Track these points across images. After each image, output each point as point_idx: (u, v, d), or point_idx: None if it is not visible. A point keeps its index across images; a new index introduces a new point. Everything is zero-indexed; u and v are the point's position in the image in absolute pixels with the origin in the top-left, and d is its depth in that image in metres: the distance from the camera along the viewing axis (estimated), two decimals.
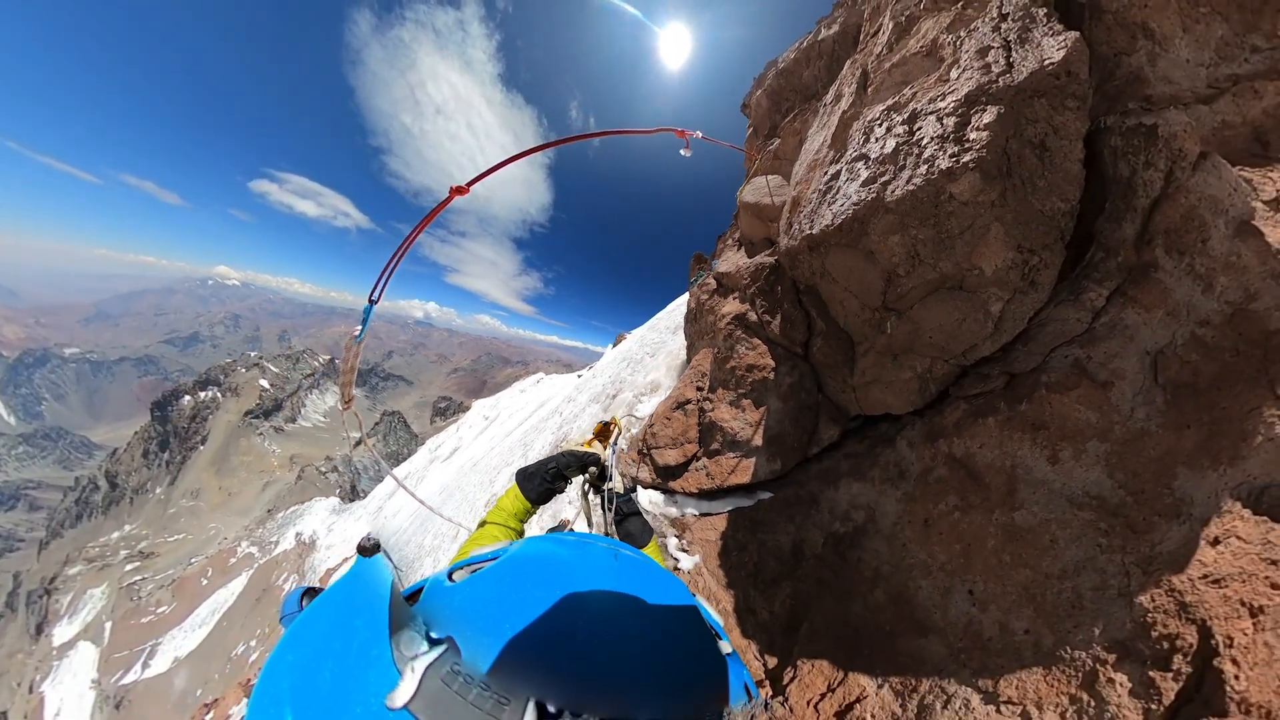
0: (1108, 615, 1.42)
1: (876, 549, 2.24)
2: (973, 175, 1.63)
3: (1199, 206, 1.52)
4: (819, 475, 2.81)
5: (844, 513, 2.52)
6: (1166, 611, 1.31)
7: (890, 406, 2.40)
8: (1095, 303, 1.66)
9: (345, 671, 0.32)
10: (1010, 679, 1.53)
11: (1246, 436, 1.28)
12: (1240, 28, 1.50)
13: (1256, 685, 1.09)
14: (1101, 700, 1.34)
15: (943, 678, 1.70)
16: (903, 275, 1.97)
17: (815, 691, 2.06)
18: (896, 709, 1.77)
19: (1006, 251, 1.70)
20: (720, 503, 3.17)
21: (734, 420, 3.01)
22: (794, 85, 4.39)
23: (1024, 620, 1.58)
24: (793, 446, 2.82)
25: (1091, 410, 1.58)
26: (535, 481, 1.31)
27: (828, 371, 2.77)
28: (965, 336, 1.92)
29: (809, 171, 2.74)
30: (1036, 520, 1.63)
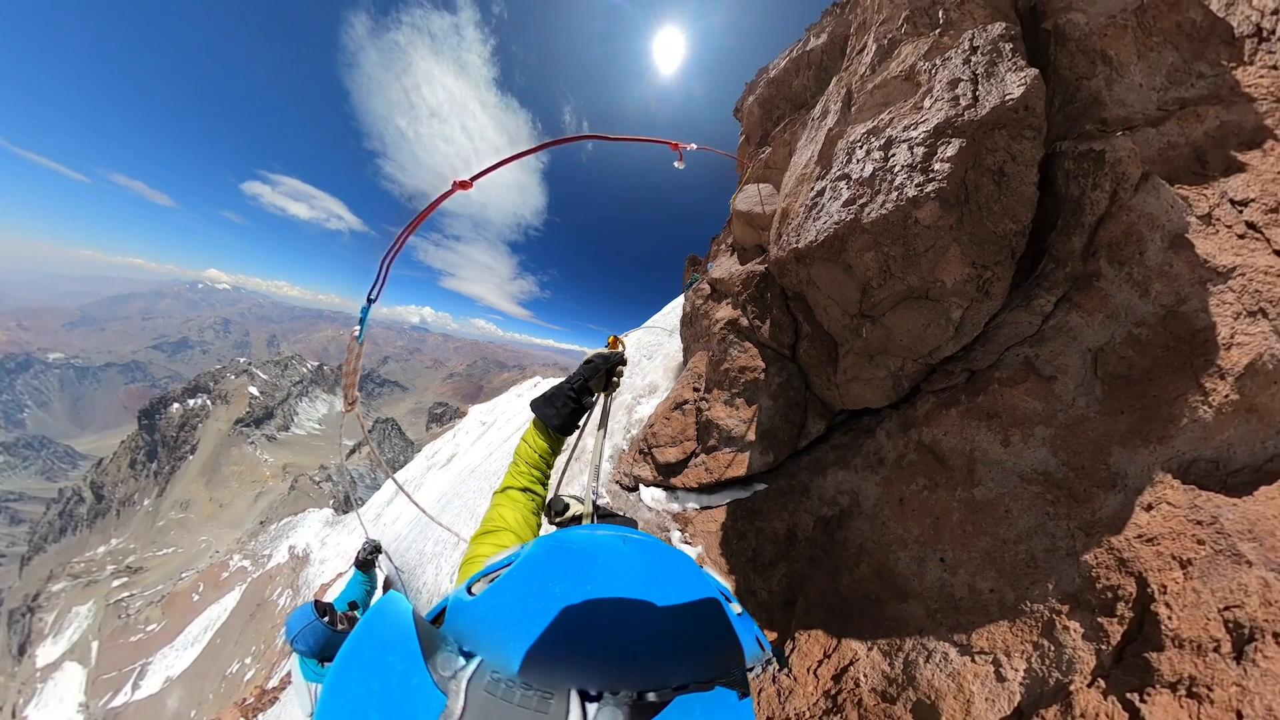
0: (1059, 572, 1.61)
1: (860, 528, 2.42)
2: (934, 203, 1.84)
3: (1138, 223, 1.73)
4: (808, 466, 2.99)
5: (831, 498, 2.70)
6: (1108, 567, 1.51)
7: (869, 401, 2.60)
8: (1044, 308, 1.88)
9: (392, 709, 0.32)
10: (981, 632, 1.72)
11: (1174, 419, 1.49)
12: (1189, 55, 1.71)
13: (1186, 623, 1.29)
14: (1059, 645, 1.53)
15: (923, 636, 1.88)
16: (876, 287, 2.17)
17: (813, 659, 2.22)
18: (885, 667, 1.94)
19: (963, 267, 1.91)
20: (719, 496, 3.32)
21: (729, 418, 3.18)
22: (784, 94, 4.49)
23: (989, 581, 1.77)
24: (783, 440, 2.99)
25: (1037, 400, 1.79)
26: (559, 404, 1.17)
27: (813, 371, 2.96)
28: (930, 339, 2.12)
29: (797, 185, 2.94)
30: (993, 494, 1.83)
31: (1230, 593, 1.25)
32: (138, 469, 78.31)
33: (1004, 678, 1.62)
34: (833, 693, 2.05)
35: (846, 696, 1.99)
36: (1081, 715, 1.38)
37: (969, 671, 1.69)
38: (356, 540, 13.71)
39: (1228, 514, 1.33)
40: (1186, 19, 1.64)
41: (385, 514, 13.27)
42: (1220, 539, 1.32)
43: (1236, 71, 1.60)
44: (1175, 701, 1.25)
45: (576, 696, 0.34)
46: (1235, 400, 1.37)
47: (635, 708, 0.34)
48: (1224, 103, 1.60)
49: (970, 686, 1.67)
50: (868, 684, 1.95)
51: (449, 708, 0.32)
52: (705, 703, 0.36)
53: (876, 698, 1.89)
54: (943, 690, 1.71)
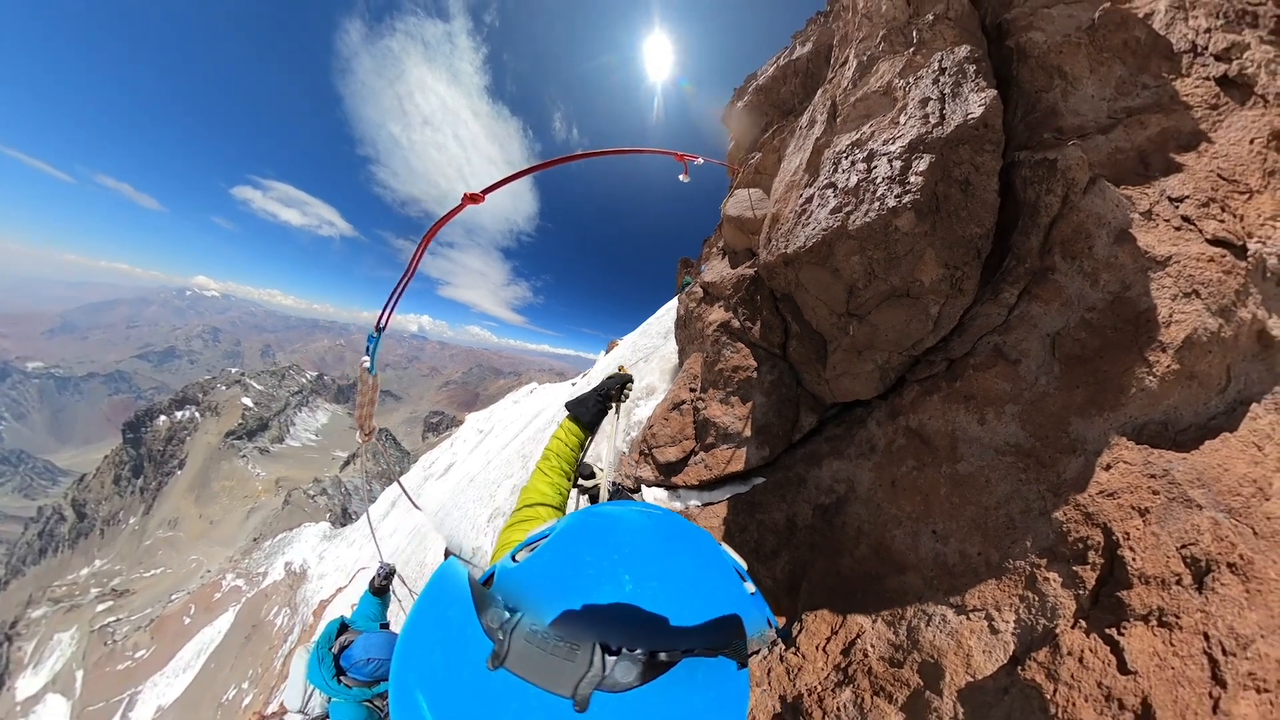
0: (1035, 530, 1.73)
1: (857, 512, 2.52)
2: (910, 213, 2.01)
3: (1086, 222, 1.91)
4: (804, 458, 3.09)
5: (828, 487, 2.80)
6: (1076, 521, 1.64)
7: (859, 394, 2.73)
8: (1009, 300, 2.05)
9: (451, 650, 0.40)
10: (973, 592, 1.82)
11: (1124, 389, 1.65)
12: (1134, 69, 1.91)
13: (1149, 562, 1.41)
14: (1042, 595, 1.64)
15: (923, 603, 1.97)
16: (862, 288, 2.33)
17: (821, 637, 2.28)
18: (890, 635, 2.02)
19: (938, 268, 2.08)
20: (719, 492, 3.39)
21: (725, 416, 3.27)
22: (772, 101, 4.68)
23: (976, 545, 1.88)
24: (778, 435, 3.10)
25: (1006, 382, 1.94)
26: (590, 404, 1.41)
27: (804, 368, 3.09)
28: (913, 333, 2.27)
29: (787, 191, 3.11)
30: (974, 468, 1.96)
31: (1185, 533, 1.38)
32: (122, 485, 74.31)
33: (997, 630, 1.72)
34: (843, 665, 2.11)
35: (857, 667, 2.05)
36: (1069, 654, 1.48)
37: (966, 629, 1.78)
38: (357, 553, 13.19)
39: (1178, 467, 1.48)
40: (1132, 37, 1.87)
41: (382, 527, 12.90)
42: (1173, 488, 1.46)
43: (1176, 83, 1.82)
44: (1149, 631, 1.36)
45: (599, 649, 0.38)
46: (1176, 369, 1.54)
47: (648, 664, 0.38)
48: (1165, 110, 1.81)
49: (968, 642, 1.75)
50: (875, 653, 2.02)
51: (495, 651, 0.38)
52: (708, 667, 0.41)
53: (885, 664, 1.96)
54: (944, 649, 1.80)
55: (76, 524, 66.89)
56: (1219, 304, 1.51)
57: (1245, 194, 1.56)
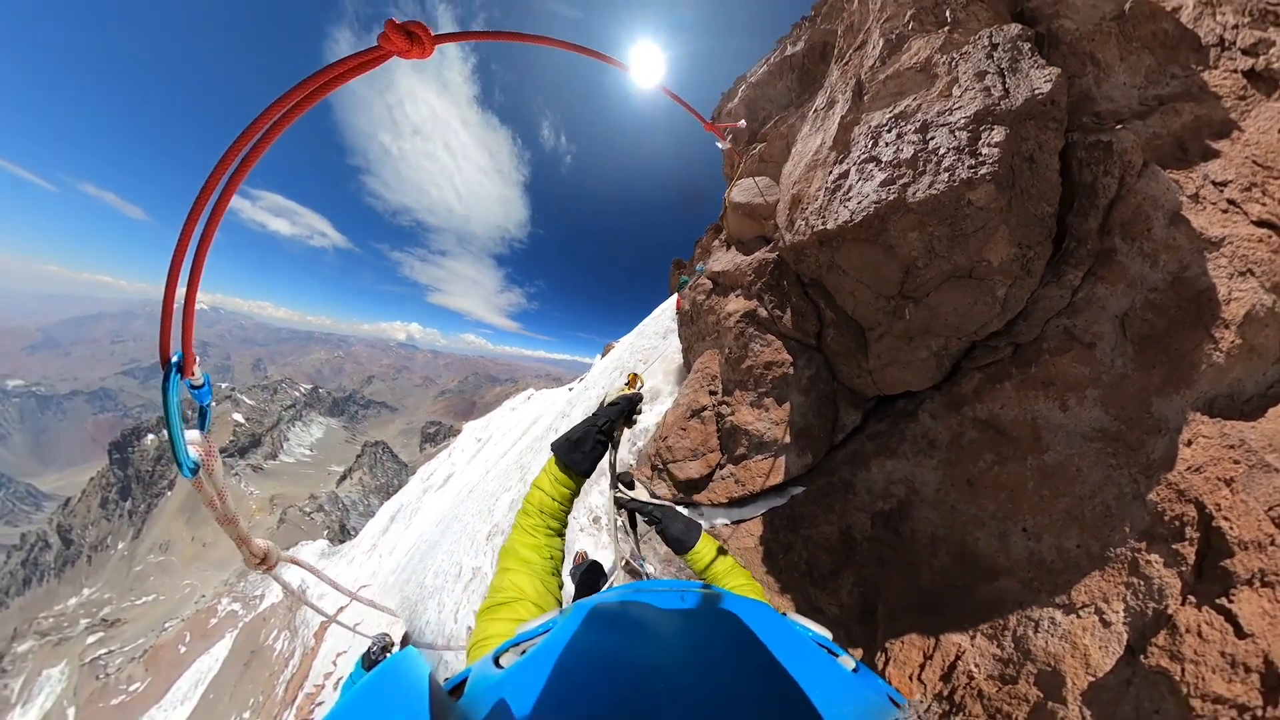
0: (1131, 515, 2.07)
1: (926, 517, 2.76)
2: (989, 186, 2.23)
3: (1144, 204, 2.27)
4: (846, 460, 3.30)
5: (883, 490, 3.02)
6: (1170, 500, 2.00)
7: (909, 384, 2.98)
8: (1073, 282, 2.38)
9: None
10: (1079, 588, 2.11)
11: (1195, 365, 2.05)
12: (1163, 59, 2.35)
13: (1245, 528, 1.77)
14: (1147, 579, 1.96)
15: (1025, 608, 2.23)
16: (921, 267, 2.53)
17: (913, 665, 2.45)
18: (996, 650, 2.24)
19: (1010, 248, 2.35)
20: (752, 508, 3.46)
21: (758, 421, 3.34)
22: (768, 96, 5.18)
23: (1073, 538, 2.19)
24: (820, 437, 3.26)
25: (1084, 365, 2.29)
26: (587, 447, 1.29)
27: (841, 359, 3.29)
28: (977, 317, 2.54)
29: (808, 171, 3.23)
30: (1062, 457, 2.28)
31: (1270, 495, 1.78)
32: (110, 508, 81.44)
33: (1109, 622, 2.02)
34: (945, 693, 2.29)
35: (964, 692, 2.25)
36: (1187, 630, 1.80)
37: (1078, 628, 2.06)
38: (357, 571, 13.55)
39: (1250, 435, 1.90)
40: (1160, 29, 2.31)
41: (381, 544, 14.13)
42: (1251, 456, 1.87)
43: (1204, 74, 2.29)
44: (1255, 594, 1.72)
45: None
46: (1239, 344, 1.97)
47: None
48: (1195, 99, 2.28)
49: (1083, 641, 2.04)
50: (982, 672, 2.24)
51: None
52: None
53: (995, 684, 2.18)
54: (1059, 654, 2.06)
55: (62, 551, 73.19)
56: (1272, 281, 1.97)
57: (1279, 179, 2.07)
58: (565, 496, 1.27)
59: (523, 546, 1.16)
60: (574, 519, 4.17)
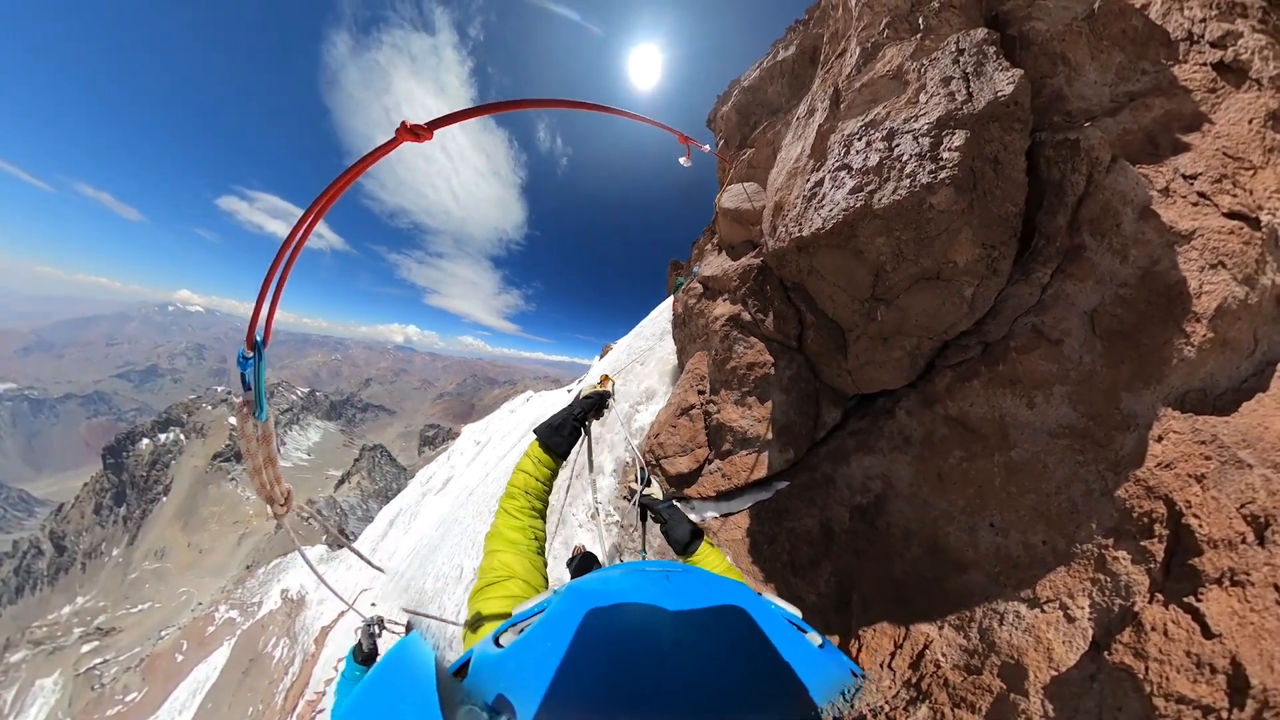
0: (1098, 511, 1.93)
1: (900, 510, 2.65)
2: (949, 189, 2.14)
3: (1113, 199, 2.14)
4: (829, 456, 3.21)
5: (861, 485, 2.92)
6: (1139, 496, 1.84)
7: (886, 383, 2.87)
8: (1042, 279, 2.25)
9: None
10: (1044, 583, 1.97)
11: (1166, 360, 1.89)
12: (1133, 56, 2.19)
13: (1215, 526, 1.61)
14: (1114, 575, 1.82)
15: (991, 601, 2.10)
16: (890, 270, 2.44)
17: (884, 652, 2.36)
18: (962, 641, 2.13)
19: (974, 248, 2.24)
20: (739, 501, 3.41)
21: (742, 419, 3.29)
22: (760, 100, 5.11)
23: (1039, 534, 2.05)
24: (801, 434, 3.18)
25: (1051, 363, 2.14)
26: (566, 432, 1.41)
27: (822, 360, 3.20)
28: (946, 317, 2.43)
29: (789, 179, 3.19)
30: (1029, 454, 2.14)
31: (1241, 492, 1.61)
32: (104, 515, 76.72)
33: (1073, 618, 1.88)
34: (914, 680, 2.19)
35: (930, 680, 2.14)
36: (1152, 629, 1.66)
37: (1042, 622, 1.93)
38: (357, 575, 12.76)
39: (1223, 430, 1.72)
40: (1130, 26, 2.15)
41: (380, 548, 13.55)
42: (1223, 451, 1.70)
43: (1174, 68, 2.12)
44: (1224, 593, 1.56)
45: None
46: (1211, 338, 1.80)
47: None
48: (1166, 94, 2.11)
49: (1047, 635, 1.90)
50: (949, 662, 2.12)
51: None
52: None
53: (961, 673, 2.07)
54: (1022, 647, 1.93)
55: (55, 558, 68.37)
56: (1243, 273, 1.79)
57: (1250, 170, 1.88)
58: (547, 476, 1.31)
59: (508, 529, 1.17)
60: (573, 514, 4.11)
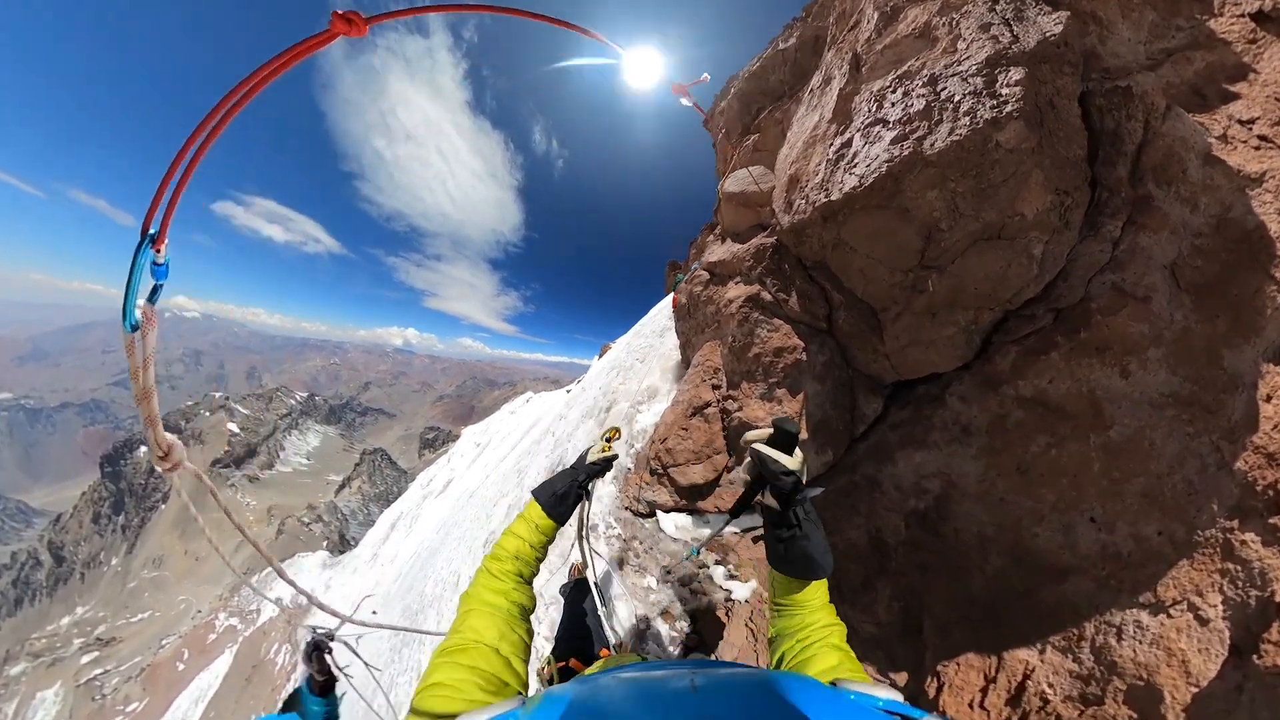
0: (1218, 489, 1.88)
1: (970, 513, 2.54)
2: (1018, 123, 2.10)
3: (1175, 145, 2.19)
4: (867, 454, 3.08)
5: (915, 486, 2.80)
6: (1260, 466, 1.82)
7: (936, 365, 2.80)
8: (1112, 233, 2.26)
9: None
10: (1165, 582, 1.89)
11: (1260, 311, 1.91)
12: (1166, 14, 2.32)
13: None
14: (1245, 562, 1.76)
15: (1102, 612, 2.00)
16: (945, 229, 2.38)
17: (973, 689, 2.19)
18: (1072, 665, 2.00)
19: (1046, 195, 2.21)
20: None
21: (769, 416, 3.10)
22: (762, 89, 5.36)
23: (1153, 524, 1.98)
24: (839, 430, 3.04)
25: (1141, 323, 2.13)
26: (571, 500, 1.51)
27: (854, 342, 3.10)
28: (1012, 282, 2.38)
29: (806, 149, 3.12)
30: (1130, 431, 2.09)
31: None
32: (102, 524, 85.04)
33: (1206, 620, 1.80)
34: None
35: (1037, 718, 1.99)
36: None
37: (1170, 629, 1.84)
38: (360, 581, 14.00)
39: None
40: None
41: (382, 552, 14.81)
42: None
43: (1210, 22, 2.24)
44: None
45: None
46: None
47: None
48: (1205, 48, 2.22)
49: (1178, 645, 1.81)
50: (1058, 693, 1.99)
51: None
52: None
53: (1076, 706, 1.93)
54: (1152, 664, 1.83)
55: (54, 569, 76.08)
56: None
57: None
58: (541, 543, 1.39)
59: (486, 590, 1.20)
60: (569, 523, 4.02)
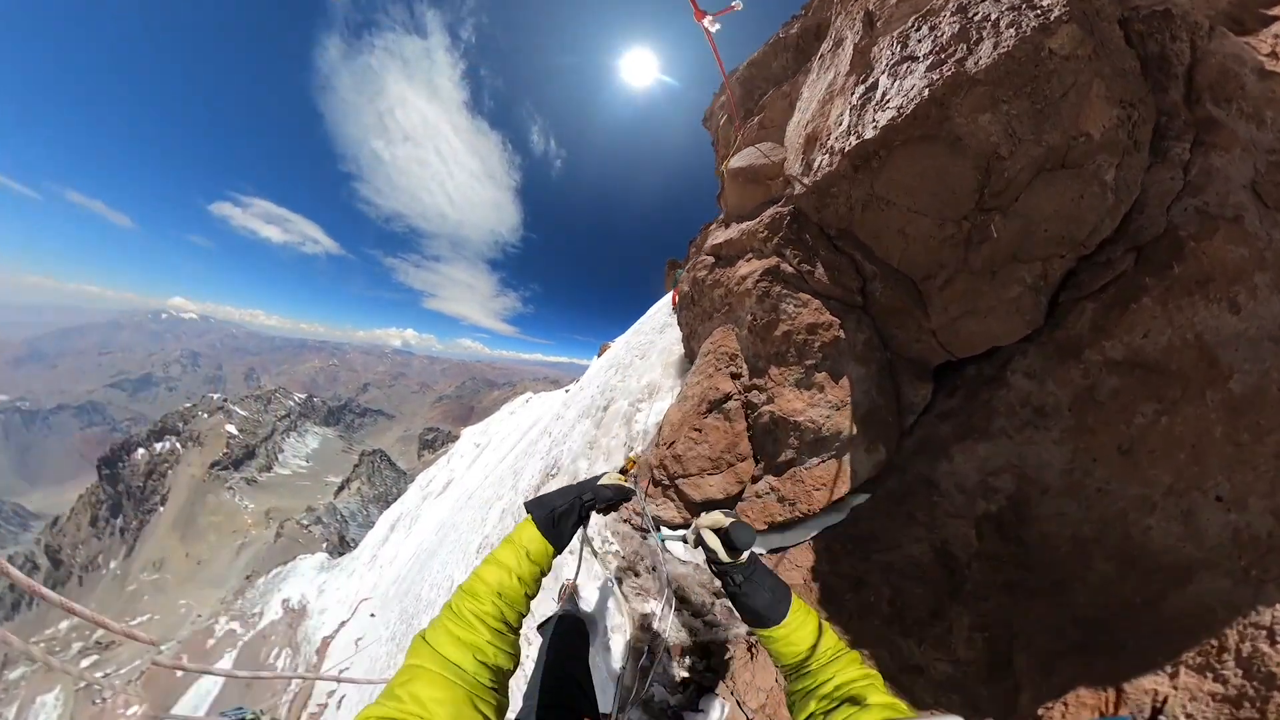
0: None
1: (1058, 512, 2.20)
2: (1070, 27, 1.94)
3: (1227, 63, 2.13)
4: (916, 451, 2.77)
5: (980, 485, 2.47)
6: None
7: (996, 338, 2.52)
8: (1181, 156, 2.12)
9: None
10: None
11: None
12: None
13: None
14: None
15: (1244, 612, 1.66)
16: (1005, 157, 2.18)
17: None
18: (1215, 686, 1.64)
19: (1110, 109, 2.02)
20: (797, 531, 2.84)
21: (810, 408, 2.79)
22: (765, 75, 5.61)
23: None
24: (888, 422, 2.73)
25: (1240, 245, 1.90)
26: (572, 521, 1.39)
27: (893, 321, 2.84)
28: (1087, 217, 2.16)
29: (823, 105, 3.01)
30: (1255, 378, 1.80)
31: None
32: (100, 527, 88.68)
33: None
34: None
35: None
36: None
37: None
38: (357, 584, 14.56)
39: None
40: None
41: (381, 554, 15.48)
42: None
43: None
44: None
45: None
46: None
47: None
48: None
49: None
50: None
51: None
52: None
53: None
54: None
55: (52, 572, 78.82)
56: None
57: None
58: (534, 576, 1.22)
59: (449, 642, 0.99)
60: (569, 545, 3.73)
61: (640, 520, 3.08)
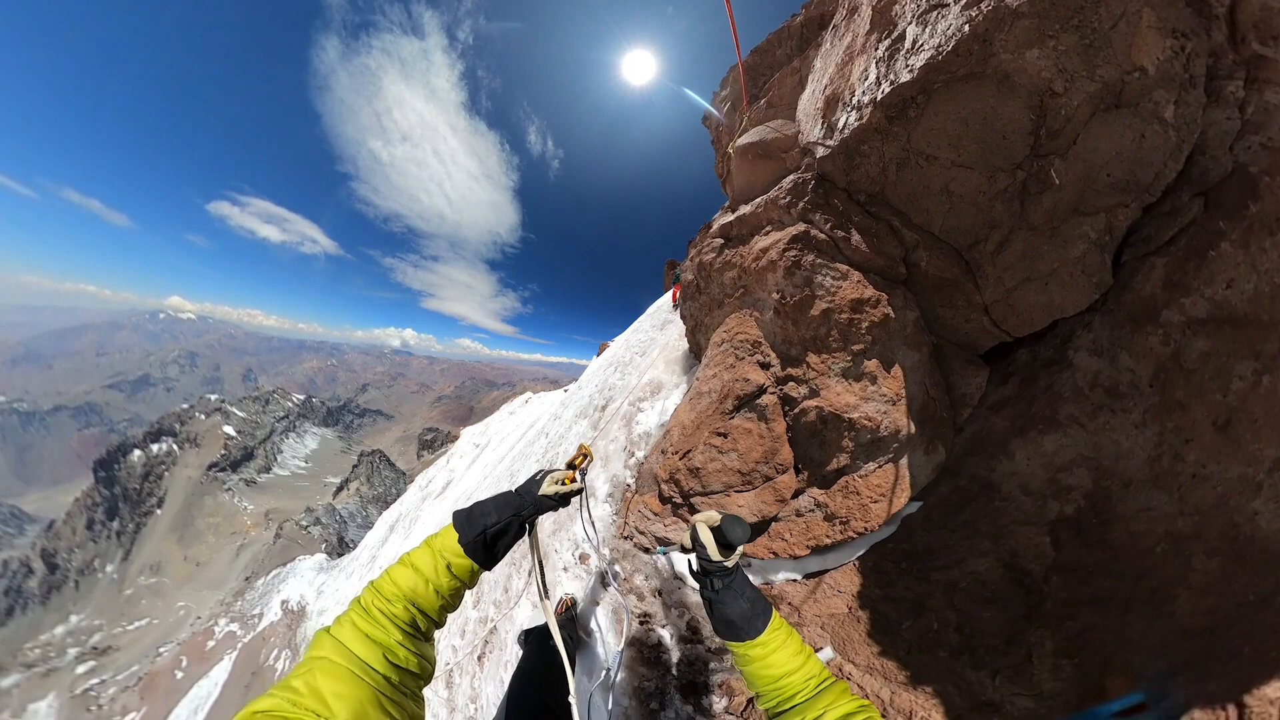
0: None
1: (1147, 506, 2.20)
2: None
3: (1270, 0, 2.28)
4: (969, 449, 2.78)
5: (1049, 484, 2.48)
6: None
7: (1061, 308, 2.57)
8: (1236, 95, 2.25)
9: None
10: None
11: None
12: None
13: None
14: None
15: None
16: (1060, 93, 2.27)
17: None
18: None
19: (1163, 40, 2.15)
20: (841, 553, 2.80)
21: (864, 401, 2.76)
22: (769, 62, 6.15)
23: None
24: (943, 417, 2.74)
25: None
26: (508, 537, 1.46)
27: (940, 296, 2.87)
28: (1150, 157, 2.25)
29: (842, 68, 3.11)
30: None
31: None
32: (96, 529, 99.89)
33: None
34: None
35: None
36: None
37: None
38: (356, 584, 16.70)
39: None
40: None
41: (381, 555, 17.14)
42: None
43: None
44: None
45: None
46: None
47: None
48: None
49: None
50: None
51: None
52: None
53: None
54: None
55: (47, 576, 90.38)
56: None
57: None
58: (453, 589, 1.25)
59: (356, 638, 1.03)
60: (556, 554, 3.90)
61: (642, 540, 3.02)
